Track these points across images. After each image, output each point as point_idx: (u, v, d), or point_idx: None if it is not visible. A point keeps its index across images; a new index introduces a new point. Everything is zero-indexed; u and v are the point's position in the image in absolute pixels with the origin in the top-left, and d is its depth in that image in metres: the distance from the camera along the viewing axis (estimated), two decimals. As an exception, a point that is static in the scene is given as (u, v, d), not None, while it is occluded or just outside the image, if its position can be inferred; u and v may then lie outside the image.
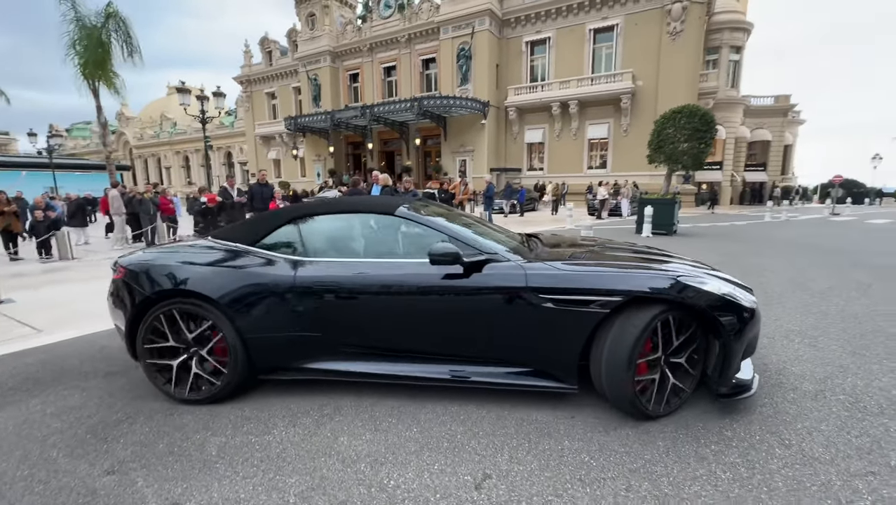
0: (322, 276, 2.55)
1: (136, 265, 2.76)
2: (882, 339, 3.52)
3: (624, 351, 2.24)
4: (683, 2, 22.43)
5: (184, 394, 2.63)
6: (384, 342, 2.61)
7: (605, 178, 23.80)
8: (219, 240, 2.89)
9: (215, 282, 2.56)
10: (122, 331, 2.78)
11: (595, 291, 2.29)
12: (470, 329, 2.48)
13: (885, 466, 1.94)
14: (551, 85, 26.50)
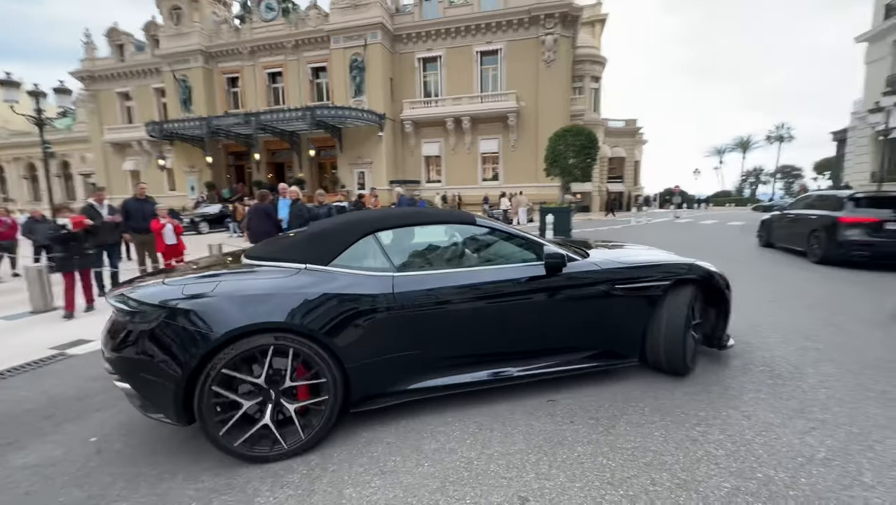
0: (422, 289, 2.42)
1: (183, 300, 2.11)
2: (770, 320, 4.36)
3: (680, 321, 2.83)
4: (554, 35, 25.48)
5: (268, 449, 2.15)
6: (479, 348, 2.62)
7: (508, 190, 25.54)
8: (274, 261, 2.44)
9: (308, 310, 2.19)
10: (153, 389, 2.09)
11: (652, 278, 2.87)
12: (556, 322, 2.72)
13: (818, 420, 2.39)
14: (444, 101, 27.62)
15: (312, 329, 2.17)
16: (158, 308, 2.09)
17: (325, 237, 2.60)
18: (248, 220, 7.34)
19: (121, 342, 2.14)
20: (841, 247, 7.01)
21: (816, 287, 5.75)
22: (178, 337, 2.04)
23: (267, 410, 2.16)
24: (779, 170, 63.66)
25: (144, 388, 2.11)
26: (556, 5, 25.03)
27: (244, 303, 2.13)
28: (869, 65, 20.61)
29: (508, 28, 26.32)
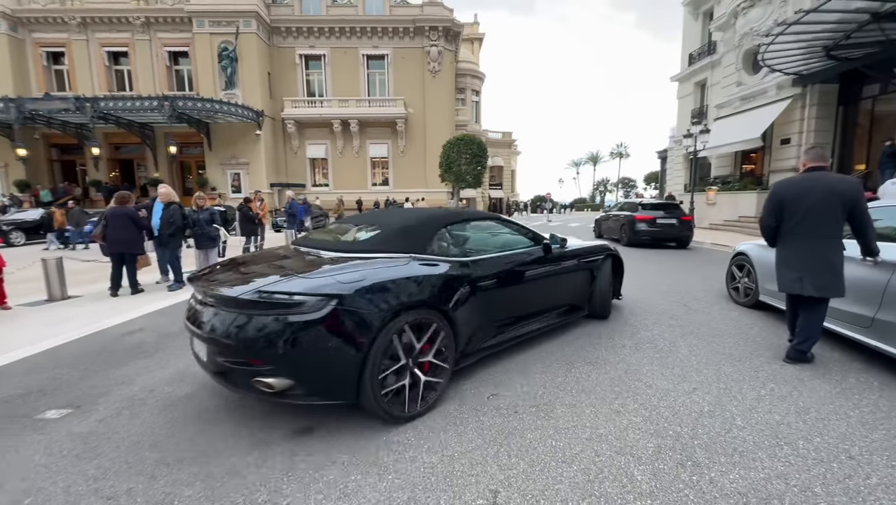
0: (488, 270, 3.11)
1: (354, 286, 2.34)
2: (636, 290, 5.23)
3: (608, 282, 4.42)
4: (439, 47, 26.58)
5: (416, 408, 2.54)
6: (514, 312, 3.40)
7: (395, 196, 25.53)
8: (374, 253, 2.84)
9: (435, 289, 2.66)
10: (327, 375, 2.29)
11: (597, 254, 4.34)
12: (553, 288, 3.83)
13: (696, 381, 2.97)
14: (331, 102, 26.58)
15: (442, 305, 2.66)
16: (326, 297, 2.23)
17: (413, 232, 3.05)
18: (104, 226, 6.04)
19: (276, 340, 2.16)
20: (636, 234, 11.28)
21: (639, 263, 7.11)
22: (355, 320, 2.27)
23: (406, 376, 2.49)
24: (620, 181, 76.63)
25: (315, 376, 2.26)
26: (439, 19, 26.16)
27: (397, 286, 2.48)
28: (680, 99, 26.19)
29: (395, 35, 26.57)
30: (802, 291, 3.14)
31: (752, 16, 15.84)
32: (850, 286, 3.14)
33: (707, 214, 16.83)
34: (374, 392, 2.32)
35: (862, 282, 3.24)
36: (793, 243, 3.23)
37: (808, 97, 14.31)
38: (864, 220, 3.03)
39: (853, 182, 3.10)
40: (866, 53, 11.89)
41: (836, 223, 3.05)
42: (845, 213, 3.02)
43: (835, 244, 3.08)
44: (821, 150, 3.33)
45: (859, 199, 3.00)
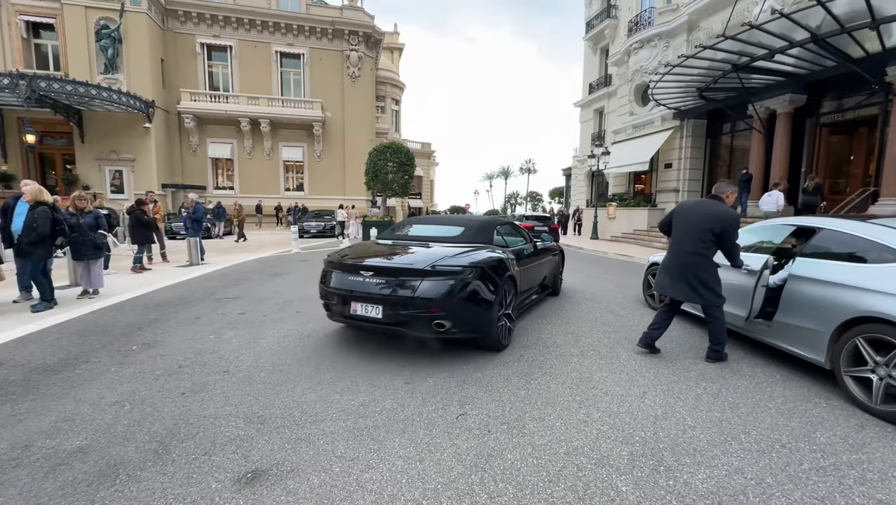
0: (520, 256, 4.69)
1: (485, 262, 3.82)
2: (566, 299, 5.51)
3: (560, 268, 6.51)
4: (359, 52, 26.03)
5: (508, 340, 4.12)
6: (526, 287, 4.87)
7: (329, 202, 24.14)
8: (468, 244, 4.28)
9: (510, 265, 4.26)
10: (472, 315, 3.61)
11: (556, 249, 6.30)
12: (539, 273, 5.45)
13: (645, 385, 3.17)
14: (238, 98, 24.40)
15: (513, 275, 4.19)
16: (475, 268, 3.58)
17: (486, 231, 4.54)
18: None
19: (453, 294, 3.41)
20: None
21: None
22: (489, 282, 3.67)
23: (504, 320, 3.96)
24: (529, 194, 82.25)
25: (468, 318, 3.55)
26: (360, 24, 25.70)
27: (500, 263, 3.99)
28: (582, 123, 29.01)
29: (312, 35, 25.43)
30: (674, 295, 3.69)
31: (641, 55, 18.19)
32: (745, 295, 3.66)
33: (608, 227, 18.75)
34: (495, 328, 3.72)
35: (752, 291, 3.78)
36: (672, 253, 3.76)
37: (684, 129, 16.81)
38: (731, 246, 3.55)
39: (728, 214, 3.57)
40: (727, 96, 14.35)
41: (707, 244, 3.52)
42: (716, 237, 3.50)
43: (703, 260, 3.54)
44: (724, 184, 3.81)
45: (728, 229, 3.49)
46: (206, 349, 3.87)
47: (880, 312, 2.73)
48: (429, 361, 3.61)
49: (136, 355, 3.69)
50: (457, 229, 4.59)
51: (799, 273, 3.44)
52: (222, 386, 3.08)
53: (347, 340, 4.19)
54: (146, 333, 4.35)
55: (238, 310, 5.34)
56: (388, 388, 3.08)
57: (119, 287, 6.69)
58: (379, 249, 4.24)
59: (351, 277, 3.69)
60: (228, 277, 7.76)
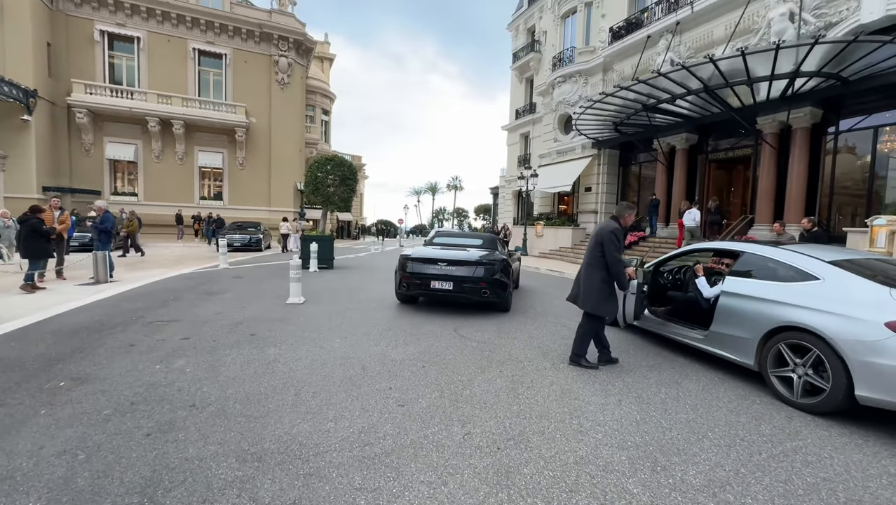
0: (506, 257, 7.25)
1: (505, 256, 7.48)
2: (520, 312, 5.81)
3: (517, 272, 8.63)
4: (289, 59, 25.00)
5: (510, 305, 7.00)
6: None
7: (254, 213, 22.27)
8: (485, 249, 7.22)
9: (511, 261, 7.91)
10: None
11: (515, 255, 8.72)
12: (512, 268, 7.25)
13: (617, 393, 3.48)
14: (147, 95, 21.90)
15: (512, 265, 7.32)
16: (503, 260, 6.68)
17: (493, 242, 7.57)
18: None
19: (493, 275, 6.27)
20: None
21: (533, 299, 8.12)
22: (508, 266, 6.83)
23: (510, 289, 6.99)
24: (455, 210, 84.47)
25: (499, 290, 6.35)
26: (290, 30, 24.78)
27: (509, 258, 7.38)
28: (509, 146, 30.81)
29: (236, 35, 23.90)
30: (576, 303, 4.19)
31: (564, 88, 19.99)
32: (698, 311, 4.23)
33: (537, 245, 20.00)
34: (510, 295, 6.63)
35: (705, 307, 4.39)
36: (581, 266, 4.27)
37: (601, 157, 18.73)
38: (609, 258, 3.98)
39: (605, 228, 4.08)
40: (636, 131, 16.34)
41: (594, 257, 4.05)
42: (600, 248, 4.02)
43: (592, 271, 4.05)
44: (622, 207, 4.33)
45: (604, 241, 3.99)
46: (156, 381, 3.41)
47: (798, 322, 3.34)
48: (414, 381, 3.58)
49: (69, 393, 3.14)
50: (478, 240, 7.58)
51: (729, 290, 4.06)
52: (194, 422, 2.75)
53: (322, 363, 3.98)
54: (71, 365, 3.71)
55: (179, 334, 4.77)
56: (382, 411, 3.00)
57: (11, 311, 5.58)
58: (438, 251, 6.73)
59: (431, 267, 6.32)
60: (152, 297, 6.87)
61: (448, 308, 6.77)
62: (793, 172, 12.07)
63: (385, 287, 8.91)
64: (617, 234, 4.07)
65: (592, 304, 4.07)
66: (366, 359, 4.14)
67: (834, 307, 3.18)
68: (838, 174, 11.93)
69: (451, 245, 7.29)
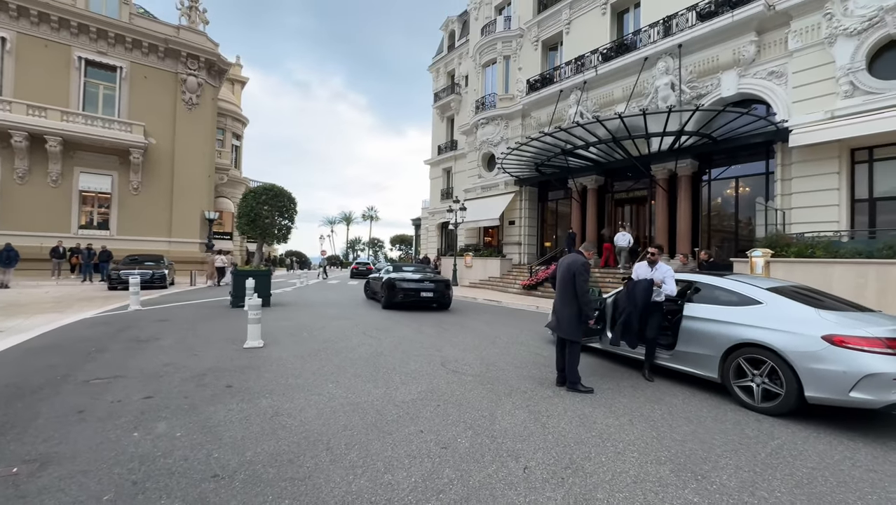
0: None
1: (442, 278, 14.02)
2: (486, 346, 6.04)
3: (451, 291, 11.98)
4: (198, 78, 23.14)
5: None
6: None
7: (152, 245, 19.20)
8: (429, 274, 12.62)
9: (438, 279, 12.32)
10: None
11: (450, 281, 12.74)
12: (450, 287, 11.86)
13: (629, 413, 3.84)
14: (11, 105, 18.35)
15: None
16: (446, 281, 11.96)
17: (435, 271, 15.22)
18: None
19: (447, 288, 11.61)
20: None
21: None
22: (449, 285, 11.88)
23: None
24: (371, 241, 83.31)
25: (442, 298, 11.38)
26: (201, 49, 23.12)
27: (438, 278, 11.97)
28: (432, 180, 31.84)
29: (135, 48, 21.53)
30: (557, 331, 4.67)
31: (487, 129, 21.57)
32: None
33: (466, 274, 20.70)
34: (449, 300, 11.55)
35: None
36: (556, 298, 4.77)
37: (523, 194, 20.38)
38: (579, 289, 4.46)
39: (576, 260, 4.63)
40: (554, 171, 18.23)
41: (570, 287, 4.56)
42: (572, 280, 4.55)
43: (569, 301, 4.54)
44: (588, 244, 4.97)
45: (576, 272, 4.51)
46: (147, 452, 2.87)
47: (754, 339, 4.08)
48: (439, 422, 3.53)
49: (36, 481, 2.49)
50: (426, 269, 12.86)
51: (691, 314, 4.78)
52: (233, 494, 2.40)
53: (331, 411, 3.71)
54: (12, 445, 2.93)
55: (136, 394, 4.03)
56: (430, 456, 2.93)
57: None
58: (416, 276, 11.38)
59: (418, 283, 10.91)
60: (66, 350, 5.65)
61: (422, 341, 6.72)
62: (680, 211, 14.51)
63: (341, 323, 8.50)
64: (587, 267, 4.58)
65: (572, 330, 4.47)
66: (375, 403, 3.95)
67: (779, 325, 3.97)
68: (713, 214, 14.67)
69: (411, 273, 11.90)
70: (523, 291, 16.00)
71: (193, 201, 23.22)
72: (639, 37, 15.66)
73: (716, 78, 13.52)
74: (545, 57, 20.27)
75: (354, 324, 8.52)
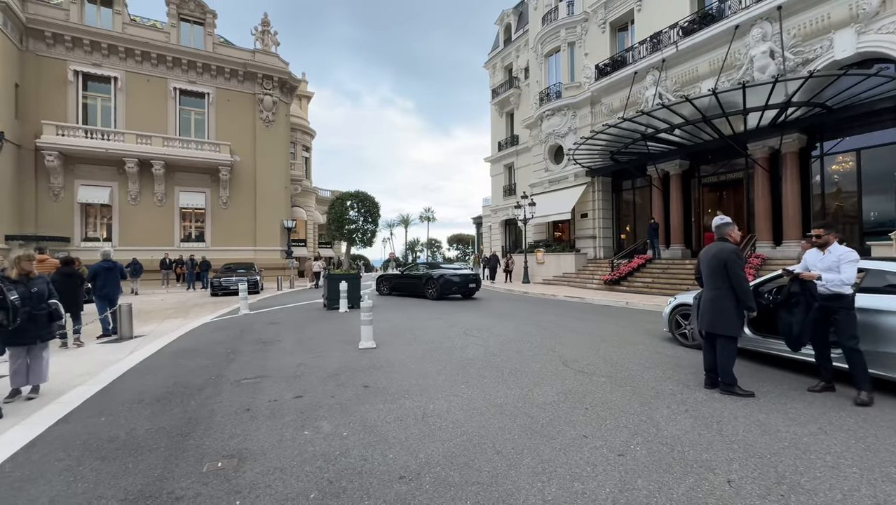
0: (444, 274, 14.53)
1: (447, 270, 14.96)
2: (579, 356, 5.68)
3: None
4: (273, 97, 24.78)
5: None
6: None
7: (240, 254, 21.08)
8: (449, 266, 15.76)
9: None
10: None
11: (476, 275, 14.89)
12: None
13: (737, 423, 3.39)
14: (124, 136, 20.83)
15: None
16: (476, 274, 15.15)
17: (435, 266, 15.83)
18: None
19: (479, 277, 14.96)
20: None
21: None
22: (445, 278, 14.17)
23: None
24: (429, 241, 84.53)
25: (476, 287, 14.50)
26: (275, 69, 24.71)
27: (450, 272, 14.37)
28: (493, 177, 31.54)
29: (219, 74, 23.51)
30: (703, 328, 4.19)
31: (553, 121, 20.90)
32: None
33: (539, 272, 20.18)
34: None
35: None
36: (703, 293, 4.30)
37: (595, 184, 19.47)
38: (735, 278, 3.99)
39: (725, 248, 4.12)
40: (630, 159, 17.19)
41: (720, 278, 4.06)
42: (725, 272, 4.03)
43: (723, 294, 4.05)
44: (721, 225, 4.33)
45: (728, 262, 4.01)
46: (325, 451, 2.96)
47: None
48: (598, 425, 3.33)
49: (242, 476, 2.65)
50: (463, 265, 16.69)
51: (869, 306, 4.09)
52: (430, 497, 2.37)
53: (479, 413, 3.64)
54: (205, 440, 3.17)
55: (287, 393, 4.26)
56: (613, 464, 2.73)
57: (55, 379, 4.82)
58: (452, 270, 14.37)
59: (456, 277, 13.73)
60: (206, 353, 6.18)
61: (528, 340, 6.54)
62: (787, 193, 13.01)
63: (436, 323, 8.57)
64: (739, 254, 4.09)
65: (727, 325, 4.02)
66: (517, 405, 3.84)
67: None
68: (827, 193, 12.97)
69: (452, 269, 14.66)
70: (605, 286, 15.24)
71: (273, 212, 24.89)
72: (726, 4, 14.29)
73: (826, 39, 11.95)
74: (614, 39, 19.21)
75: (449, 323, 8.53)
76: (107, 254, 8.18)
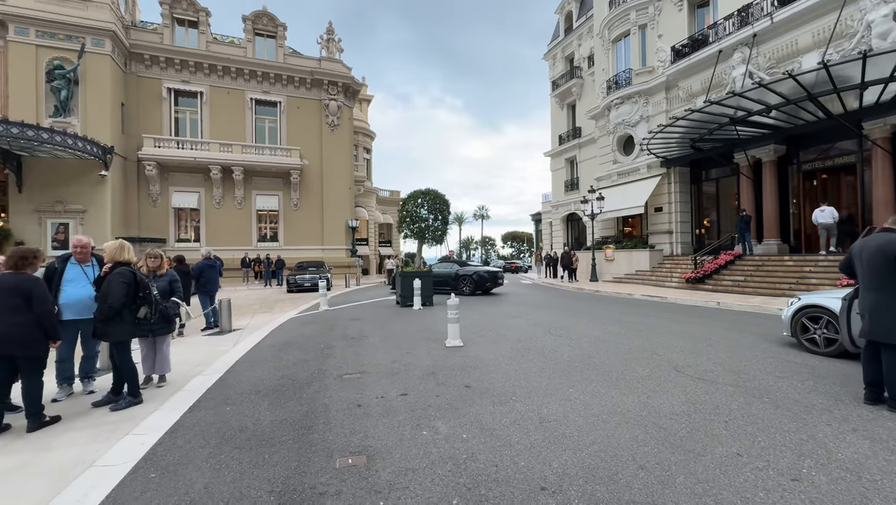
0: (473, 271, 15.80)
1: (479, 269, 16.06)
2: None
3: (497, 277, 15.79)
4: (338, 102, 25.78)
5: None
6: None
7: (307, 252, 22.31)
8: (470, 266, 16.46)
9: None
10: None
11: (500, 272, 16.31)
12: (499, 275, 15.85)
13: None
14: (209, 145, 22.70)
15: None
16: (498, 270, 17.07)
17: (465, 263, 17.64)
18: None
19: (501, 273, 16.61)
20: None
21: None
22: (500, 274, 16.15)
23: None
24: (483, 239, 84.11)
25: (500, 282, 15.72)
26: (339, 75, 25.66)
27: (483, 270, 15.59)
28: (553, 172, 30.55)
29: (289, 83, 24.86)
30: (870, 336, 3.49)
31: (622, 110, 19.73)
32: None
33: (607, 269, 19.18)
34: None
35: None
36: (861, 294, 3.64)
37: (671, 176, 18.09)
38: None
39: (893, 239, 3.44)
40: (713, 146, 15.76)
41: (886, 275, 3.39)
42: (892, 266, 3.35)
43: (883, 294, 3.41)
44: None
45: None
46: (451, 454, 2.86)
47: None
48: (750, 443, 2.93)
49: (376, 476, 2.61)
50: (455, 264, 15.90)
51: None
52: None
53: (602, 421, 3.37)
54: (327, 435, 3.21)
55: (392, 390, 4.26)
56: (781, 490, 2.36)
57: (177, 369, 5.22)
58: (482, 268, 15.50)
59: (486, 274, 14.95)
60: (302, 346, 6.45)
61: (622, 342, 6.12)
62: (916, 177, 11.19)
63: (517, 322, 8.34)
64: None
65: None
66: (640, 414, 3.52)
67: None
68: (972, 176, 10.98)
69: (473, 266, 15.95)
70: (687, 285, 14.10)
71: (339, 212, 25.93)
72: (834, -35, 12.56)
73: (973, -7, 10.08)
74: (692, 17, 17.71)
75: (531, 322, 8.26)
76: (209, 253, 8.88)
